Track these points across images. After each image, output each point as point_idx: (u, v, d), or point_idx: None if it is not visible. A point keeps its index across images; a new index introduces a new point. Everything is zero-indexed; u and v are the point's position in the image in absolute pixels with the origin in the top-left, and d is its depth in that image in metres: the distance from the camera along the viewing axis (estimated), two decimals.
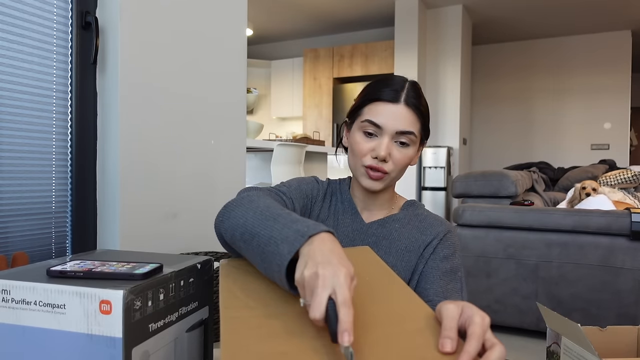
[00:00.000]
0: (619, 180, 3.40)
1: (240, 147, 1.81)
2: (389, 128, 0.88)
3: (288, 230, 0.61)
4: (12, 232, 1.15)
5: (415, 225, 0.97)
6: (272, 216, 0.66)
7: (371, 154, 0.89)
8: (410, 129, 0.88)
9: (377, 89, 0.90)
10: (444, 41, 5.67)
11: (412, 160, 0.94)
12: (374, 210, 0.99)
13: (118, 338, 0.54)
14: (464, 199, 2.62)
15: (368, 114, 0.90)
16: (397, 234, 0.96)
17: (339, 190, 1.02)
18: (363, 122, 0.90)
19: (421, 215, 0.99)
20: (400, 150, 0.89)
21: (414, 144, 0.91)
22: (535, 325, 2.14)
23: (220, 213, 0.75)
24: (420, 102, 0.90)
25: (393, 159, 0.89)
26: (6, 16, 1.12)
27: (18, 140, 1.15)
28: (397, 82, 0.91)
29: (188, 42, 1.54)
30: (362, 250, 0.78)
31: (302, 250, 0.57)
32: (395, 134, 0.88)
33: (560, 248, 2.11)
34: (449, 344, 0.47)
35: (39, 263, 0.69)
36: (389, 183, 0.93)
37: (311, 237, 0.59)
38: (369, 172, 0.90)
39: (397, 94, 0.88)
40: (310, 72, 6.39)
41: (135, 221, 1.34)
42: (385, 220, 0.98)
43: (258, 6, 5.67)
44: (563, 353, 0.79)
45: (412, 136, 0.89)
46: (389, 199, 1.00)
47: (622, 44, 6.32)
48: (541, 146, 6.77)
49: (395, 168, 0.90)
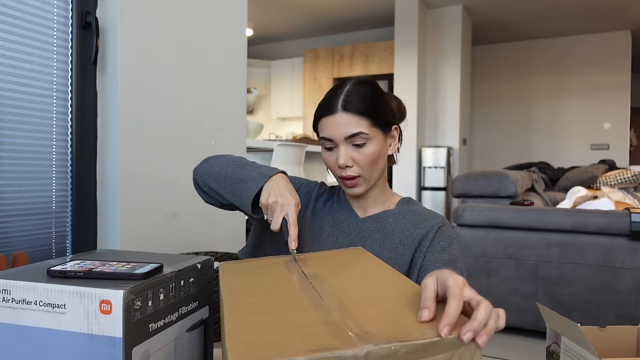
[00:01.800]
0: (619, 180, 3.40)
1: (240, 147, 1.81)
2: (337, 138, 0.92)
3: (254, 173, 0.88)
4: (13, 232, 1.15)
5: (410, 220, 0.98)
6: (242, 164, 0.93)
7: (337, 164, 0.94)
8: (355, 130, 0.90)
9: (319, 106, 0.96)
10: (443, 41, 5.67)
11: (381, 152, 0.95)
12: (368, 207, 1.02)
13: (118, 338, 0.54)
14: (463, 199, 2.62)
15: (321, 131, 0.95)
16: (392, 228, 0.98)
17: (336, 192, 1.07)
18: (321, 140, 0.96)
19: (416, 210, 1.01)
20: (360, 151, 0.92)
21: (372, 140, 0.92)
22: (535, 325, 2.15)
23: (200, 163, 0.98)
24: (357, 100, 0.91)
25: (357, 162, 0.93)
26: (6, 16, 1.12)
27: (18, 140, 1.15)
28: (334, 92, 0.94)
29: (188, 42, 1.54)
30: (356, 250, 0.81)
31: (265, 185, 0.86)
32: (345, 140, 0.91)
33: (560, 248, 2.11)
34: (425, 313, 0.50)
35: (39, 263, 0.69)
36: (368, 183, 0.96)
37: (271, 177, 0.87)
38: (344, 182, 0.95)
39: (333, 105, 0.92)
40: (310, 72, 6.39)
41: (135, 221, 1.34)
42: (380, 215, 1.00)
43: (258, 6, 5.67)
44: (563, 353, 0.79)
45: (362, 135, 0.91)
46: (381, 195, 1.02)
47: (622, 44, 6.33)
48: (541, 146, 6.77)
49: (364, 169, 0.93)
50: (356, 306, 0.54)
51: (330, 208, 1.04)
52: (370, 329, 0.47)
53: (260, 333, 0.46)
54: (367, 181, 0.96)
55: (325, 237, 1.01)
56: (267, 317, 0.51)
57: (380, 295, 0.58)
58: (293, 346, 0.43)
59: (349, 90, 0.92)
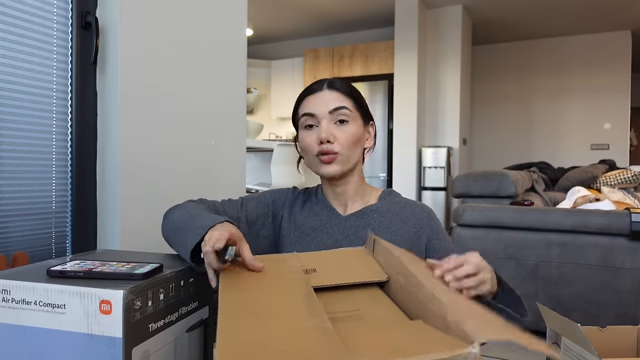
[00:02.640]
0: (619, 180, 3.40)
1: (240, 147, 1.81)
2: (321, 111, 0.95)
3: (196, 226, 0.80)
4: (12, 232, 1.15)
5: (395, 213, 0.98)
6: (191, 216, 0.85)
7: (316, 142, 0.95)
8: (340, 104, 0.95)
9: (304, 90, 1.00)
10: (444, 41, 5.67)
11: (360, 138, 0.98)
12: (348, 203, 1.02)
13: (118, 338, 0.54)
14: (464, 199, 2.62)
15: (302, 109, 0.98)
16: (377, 224, 0.97)
17: (314, 193, 1.08)
18: (302, 118, 0.98)
19: (399, 202, 1.01)
20: (341, 128, 0.95)
21: (353, 120, 0.96)
22: (535, 325, 2.14)
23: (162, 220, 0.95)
24: (344, 84, 0.97)
25: (338, 139, 0.95)
26: (6, 16, 1.12)
27: (18, 140, 1.15)
28: (318, 80, 1.00)
29: (188, 42, 1.54)
30: (357, 251, 0.82)
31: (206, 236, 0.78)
32: (329, 115, 0.94)
33: (560, 248, 2.11)
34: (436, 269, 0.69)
35: (39, 263, 0.69)
36: (344, 165, 0.96)
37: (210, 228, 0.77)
38: (321, 158, 0.96)
39: (320, 84, 0.98)
40: (310, 72, 6.38)
41: (135, 221, 1.34)
42: (363, 212, 1.00)
43: (258, 6, 5.66)
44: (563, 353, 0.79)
45: (345, 110, 0.94)
46: (360, 190, 1.02)
47: (622, 44, 6.32)
48: (541, 146, 6.76)
49: (343, 147, 0.95)
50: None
51: (310, 210, 1.04)
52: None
53: (251, 339, 0.46)
54: (343, 161, 0.96)
55: (309, 241, 1.00)
56: (260, 322, 0.50)
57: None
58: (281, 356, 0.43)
59: (334, 78, 0.99)
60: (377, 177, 5.63)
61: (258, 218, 1.07)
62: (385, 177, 5.63)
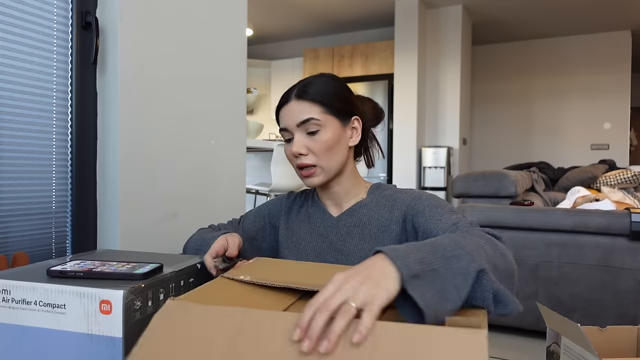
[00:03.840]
0: (619, 180, 3.40)
1: (240, 147, 1.81)
2: (291, 125, 0.94)
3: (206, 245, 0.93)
4: (12, 232, 1.15)
5: (383, 205, 0.96)
6: (201, 239, 1.00)
7: (292, 155, 0.95)
8: (307, 116, 0.92)
9: (279, 101, 0.98)
10: (444, 41, 5.67)
11: (338, 141, 0.94)
12: (342, 203, 1.01)
13: (118, 338, 0.53)
14: (464, 199, 2.62)
15: (279, 122, 0.97)
16: (367, 218, 0.96)
17: (310, 196, 1.07)
18: (281, 133, 0.98)
19: (388, 195, 0.98)
20: (313, 138, 0.93)
21: (325, 127, 0.93)
22: (535, 325, 2.14)
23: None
24: (310, 90, 0.93)
25: (312, 150, 0.93)
26: (6, 16, 1.12)
27: (18, 140, 1.15)
28: (292, 86, 0.97)
29: (188, 42, 1.54)
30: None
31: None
32: (298, 128, 0.93)
33: (560, 248, 2.11)
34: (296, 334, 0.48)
35: (39, 263, 0.69)
36: (327, 174, 0.95)
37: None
38: (302, 172, 0.95)
39: (288, 95, 0.95)
40: (310, 72, 6.38)
41: (135, 221, 1.34)
42: (353, 209, 0.99)
43: (258, 6, 5.66)
44: (563, 353, 0.79)
45: (314, 121, 0.92)
46: (350, 188, 1.01)
47: (622, 44, 6.32)
48: (541, 146, 6.76)
49: (319, 157, 0.93)
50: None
51: (306, 213, 1.04)
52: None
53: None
54: (324, 171, 0.94)
55: (304, 245, 1.00)
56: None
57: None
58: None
59: (306, 81, 0.95)
60: (377, 177, 5.63)
61: (257, 233, 1.09)
62: (385, 177, 5.63)
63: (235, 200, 1.79)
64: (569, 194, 3.02)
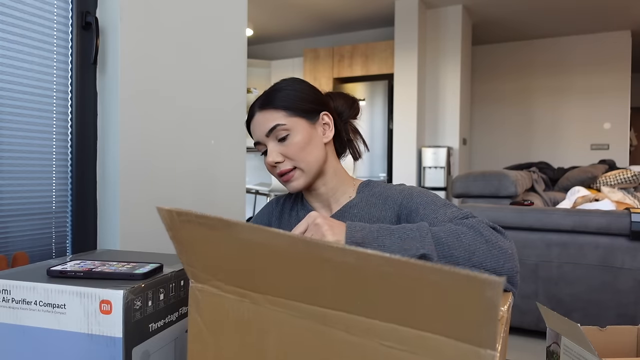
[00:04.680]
0: (619, 180, 3.40)
1: (240, 147, 1.81)
2: (260, 136, 0.95)
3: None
4: (12, 232, 1.15)
5: (374, 204, 0.95)
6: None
7: (270, 166, 0.96)
8: (272, 124, 0.92)
9: (246, 119, 1.00)
10: (444, 41, 5.67)
11: (310, 140, 0.94)
12: (330, 204, 0.99)
13: (118, 338, 0.54)
14: (464, 199, 2.62)
15: (252, 137, 0.99)
16: (358, 219, 0.94)
17: (300, 200, 1.05)
18: (255, 147, 0.99)
19: (378, 193, 0.96)
20: (285, 144, 0.93)
21: (293, 130, 0.93)
22: (535, 325, 2.14)
23: None
24: (271, 98, 0.94)
25: (287, 155, 0.93)
26: (6, 16, 1.12)
27: (18, 140, 1.15)
28: (255, 100, 0.98)
29: (188, 42, 1.54)
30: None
31: None
32: (268, 137, 0.94)
33: (560, 248, 2.11)
34: None
35: (39, 263, 0.69)
36: (307, 175, 0.94)
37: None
38: (282, 179, 0.96)
39: (252, 109, 0.97)
40: (310, 72, 6.39)
41: (135, 221, 1.34)
42: (343, 210, 0.97)
43: (258, 6, 5.67)
44: (563, 353, 0.79)
45: (280, 127, 0.92)
46: (337, 187, 0.99)
47: (622, 44, 6.32)
48: (541, 146, 6.76)
49: (295, 159, 0.93)
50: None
51: (297, 217, 1.02)
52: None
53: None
54: (304, 172, 0.94)
55: None
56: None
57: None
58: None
59: (267, 91, 0.96)
60: (377, 177, 5.63)
61: None
62: (385, 177, 5.63)
63: (235, 200, 1.79)
64: (569, 194, 3.02)
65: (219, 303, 0.50)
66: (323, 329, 0.44)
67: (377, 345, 0.41)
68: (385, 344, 0.41)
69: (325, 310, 0.44)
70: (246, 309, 0.49)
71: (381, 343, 0.41)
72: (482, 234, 0.74)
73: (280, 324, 0.47)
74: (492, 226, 0.78)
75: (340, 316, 0.43)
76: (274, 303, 0.47)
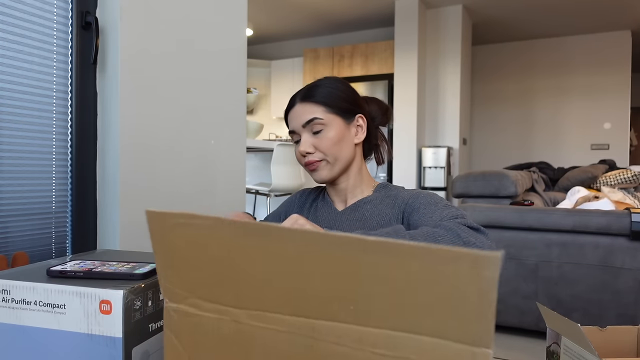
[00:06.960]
0: (619, 180, 3.40)
1: (240, 147, 1.81)
2: (297, 126, 0.99)
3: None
4: (12, 232, 1.15)
5: (387, 203, 1.00)
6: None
7: (300, 155, 1.00)
8: (310, 116, 0.97)
9: (287, 105, 1.04)
10: (444, 41, 5.67)
11: (343, 138, 0.99)
12: (347, 199, 1.05)
13: (118, 338, 0.54)
14: (464, 199, 2.62)
15: (288, 126, 1.03)
16: (369, 213, 0.99)
17: (322, 192, 1.11)
18: (289, 135, 1.03)
19: (393, 195, 1.02)
20: (319, 137, 0.98)
21: (329, 125, 0.98)
22: (535, 325, 2.14)
23: None
24: (313, 92, 0.99)
25: (318, 147, 0.98)
26: (6, 16, 1.12)
27: (18, 140, 1.15)
28: (298, 91, 1.03)
29: (188, 42, 1.54)
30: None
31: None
32: (304, 128, 0.98)
33: (560, 248, 2.11)
34: None
35: (39, 263, 0.69)
36: (332, 167, 0.99)
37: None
38: (308, 168, 1.00)
39: (294, 99, 1.02)
40: (310, 72, 6.39)
41: (135, 221, 1.34)
42: (357, 204, 1.02)
43: (258, 6, 5.66)
44: (563, 353, 0.79)
45: (318, 121, 0.97)
46: (359, 186, 1.04)
47: (622, 44, 6.32)
48: (541, 146, 6.76)
49: (326, 153, 0.98)
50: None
51: (315, 208, 1.08)
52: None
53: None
54: (330, 165, 0.99)
55: None
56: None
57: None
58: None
59: (310, 85, 1.01)
60: (377, 177, 5.63)
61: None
62: (385, 177, 5.63)
63: (236, 200, 1.79)
64: (569, 194, 3.02)
65: (197, 324, 0.48)
66: (311, 343, 0.42)
67: (369, 355, 0.40)
68: (377, 352, 0.40)
69: (313, 321, 0.42)
70: (227, 327, 0.46)
71: (373, 352, 0.40)
72: (459, 235, 0.77)
73: (264, 341, 0.44)
74: (472, 226, 0.81)
75: (330, 327, 0.41)
76: (257, 318, 0.44)
